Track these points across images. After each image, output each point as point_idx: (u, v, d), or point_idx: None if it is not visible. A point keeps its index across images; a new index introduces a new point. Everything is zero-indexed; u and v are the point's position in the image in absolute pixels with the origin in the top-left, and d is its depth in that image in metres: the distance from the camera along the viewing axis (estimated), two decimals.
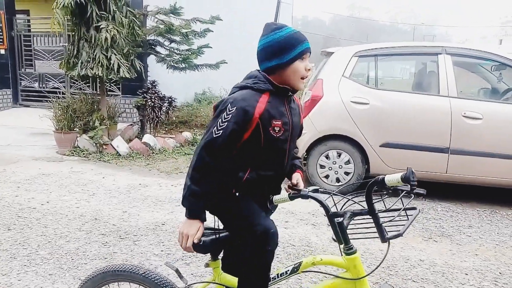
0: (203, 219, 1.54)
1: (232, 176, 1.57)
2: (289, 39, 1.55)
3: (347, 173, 4.66)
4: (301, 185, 1.68)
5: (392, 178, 1.31)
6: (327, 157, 4.69)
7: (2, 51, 9.45)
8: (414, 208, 1.42)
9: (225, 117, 1.47)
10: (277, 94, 1.56)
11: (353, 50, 4.79)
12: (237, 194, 1.58)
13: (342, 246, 1.47)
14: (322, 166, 4.71)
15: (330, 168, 4.69)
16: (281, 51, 1.55)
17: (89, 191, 4.50)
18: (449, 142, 4.37)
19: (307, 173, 4.74)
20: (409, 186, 1.30)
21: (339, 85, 4.64)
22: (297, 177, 1.73)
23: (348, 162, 4.64)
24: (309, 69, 1.55)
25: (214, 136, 1.48)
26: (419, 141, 4.44)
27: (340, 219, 1.42)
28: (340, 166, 4.66)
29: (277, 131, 1.53)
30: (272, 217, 1.79)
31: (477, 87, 5.56)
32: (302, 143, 4.65)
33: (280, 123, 1.54)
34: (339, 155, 4.66)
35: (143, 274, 1.67)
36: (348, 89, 4.62)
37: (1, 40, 9.36)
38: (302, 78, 1.56)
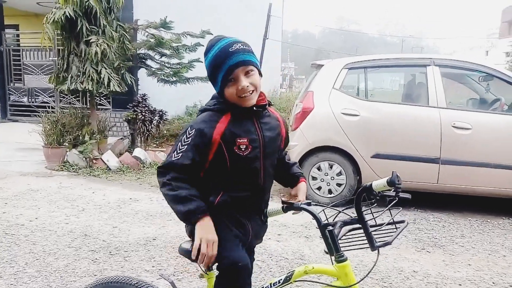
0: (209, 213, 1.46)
1: (203, 201, 1.49)
2: (213, 63, 1.46)
3: (339, 185, 4.66)
4: (301, 197, 1.64)
5: (379, 183, 1.34)
6: (319, 168, 4.69)
7: None
8: (402, 222, 1.46)
9: (185, 140, 1.45)
10: (241, 112, 1.49)
11: (343, 63, 4.84)
12: None
13: (333, 256, 1.47)
14: (314, 178, 4.70)
15: (322, 180, 4.69)
16: (212, 78, 1.50)
17: (78, 206, 4.43)
18: (440, 152, 4.39)
19: None
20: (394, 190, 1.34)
21: (329, 97, 4.67)
22: (299, 188, 1.67)
23: (340, 174, 4.64)
24: (246, 86, 1.43)
25: (173, 159, 1.45)
26: (410, 151, 4.47)
27: (331, 228, 1.44)
28: (332, 178, 4.66)
29: (243, 150, 1.47)
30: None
31: (466, 97, 5.64)
32: (294, 155, 4.65)
33: (246, 140, 1.47)
34: (331, 166, 4.67)
35: (136, 285, 1.66)
36: (338, 101, 4.65)
37: None
38: (240, 96, 1.45)
